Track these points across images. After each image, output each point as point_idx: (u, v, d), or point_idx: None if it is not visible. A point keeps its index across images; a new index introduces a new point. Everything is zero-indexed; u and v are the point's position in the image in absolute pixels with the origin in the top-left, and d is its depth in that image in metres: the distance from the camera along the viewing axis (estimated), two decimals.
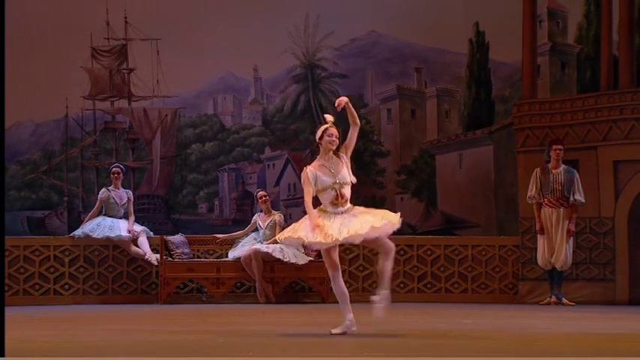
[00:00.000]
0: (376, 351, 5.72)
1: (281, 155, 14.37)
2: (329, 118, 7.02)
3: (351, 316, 6.85)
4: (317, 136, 6.97)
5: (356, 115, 6.96)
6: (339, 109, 6.92)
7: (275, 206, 12.59)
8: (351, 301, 6.88)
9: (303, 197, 6.89)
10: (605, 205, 11.33)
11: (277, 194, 13.97)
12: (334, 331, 6.76)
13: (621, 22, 11.77)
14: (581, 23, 13.43)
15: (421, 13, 13.77)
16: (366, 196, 14.19)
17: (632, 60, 11.65)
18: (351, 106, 6.93)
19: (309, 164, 6.98)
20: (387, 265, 6.93)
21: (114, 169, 11.76)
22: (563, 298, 10.98)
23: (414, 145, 14.16)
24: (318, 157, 6.98)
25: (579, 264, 11.33)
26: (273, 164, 14.42)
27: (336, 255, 6.88)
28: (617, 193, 11.31)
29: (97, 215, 11.59)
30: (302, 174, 6.91)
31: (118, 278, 11.45)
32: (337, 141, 6.94)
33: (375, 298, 6.91)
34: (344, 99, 6.90)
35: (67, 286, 11.38)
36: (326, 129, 6.95)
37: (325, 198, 6.87)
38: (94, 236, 11.37)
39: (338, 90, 14.39)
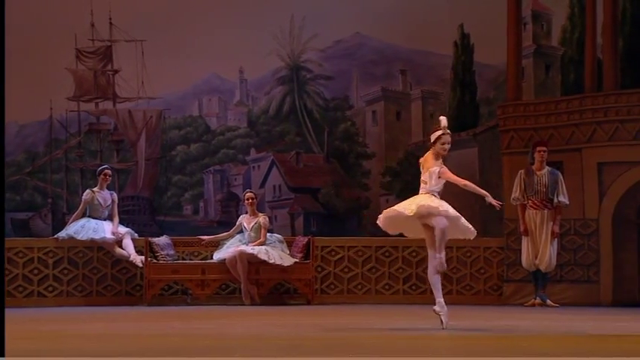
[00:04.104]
0: (363, 352, 5.72)
1: (266, 157, 14.37)
2: (444, 122, 7.21)
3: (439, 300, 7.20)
4: (431, 140, 7.21)
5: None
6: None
7: (260, 208, 12.58)
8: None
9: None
10: (590, 207, 11.38)
11: (262, 196, 13.96)
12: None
13: (605, 25, 11.83)
14: (565, 26, 13.50)
15: (406, 16, 13.80)
16: (350, 197, 14.22)
17: (615, 62, 11.71)
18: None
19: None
20: (430, 276, 7.30)
21: (105, 170, 11.68)
22: (548, 300, 11.02)
23: (398, 147, 14.19)
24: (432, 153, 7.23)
25: (563, 265, 11.37)
26: (259, 166, 14.41)
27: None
28: (602, 194, 11.36)
29: (81, 217, 11.55)
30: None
31: (102, 280, 11.42)
32: (448, 149, 7.20)
33: (435, 308, 7.24)
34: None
35: (50, 288, 11.33)
36: (441, 135, 7.17)
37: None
38: (78, 238, 11.32)
39: (323, 92, 14.41)
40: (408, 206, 7.27)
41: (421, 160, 7.47)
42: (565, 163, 11.45)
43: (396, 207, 7.42)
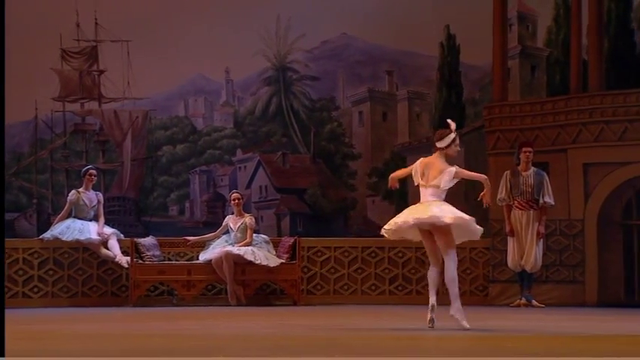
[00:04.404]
0: (349, 352, 5.72)
1: (252, 157, 14.35)
2: (453, 125, 7.50)
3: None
4: (445, 143, 7.43)
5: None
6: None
7: (246, 208, 12.57)
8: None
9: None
10: (575, 208, 11.42)
11: (249, 196, 13.95)
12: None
13: (590, 26, 11.87)
14: (551, 27, 13.53)
15: (392, 16, 13.81)
16: (337, 198, 14.21)
17: (601, 63, 11.75)
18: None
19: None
20: (446, 281, 7.45)
21: (90, 170, 11.65)
22: (533, 300, 11.05)
23: (385, 148, 14.19)
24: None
25: (549, 266, 11.40)
26: (245, 166, 14.40)
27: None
28: (587, 195, 11.40)
29: (67, 217, 11.51)
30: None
31: (87, 281, 11.38)
32: None
33: (451, 313, 7.37)
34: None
35: (36, 289, 11.28)
36: (455, 138, 7.47)
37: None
38: (63, 239, 11.28)
39: (309, 92, 14.41)
40: (441, 214, 7.26)
41: (419, 165, 7.46)
42: (551, 164, 11.48)
43: (413, 216, 7.35)
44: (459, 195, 13.25)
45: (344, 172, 14.23)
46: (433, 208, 7.32)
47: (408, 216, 7.40)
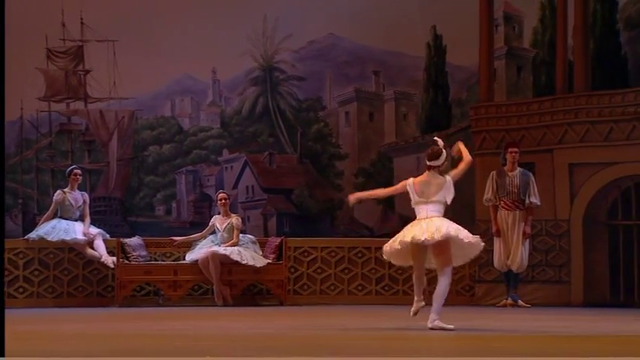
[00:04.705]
0: (335, 352, 5.72)
1: (239, 157, 14.34)
2: (441, 142, 7.56)
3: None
4: (440, 162, 7.48)
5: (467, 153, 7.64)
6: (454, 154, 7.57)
7: (233, 209, 12.55)
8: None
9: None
10: (561, 208, 11.45)
11: (235, 197, 13.93)
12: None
13: (576, 27, 11.91)
14: (537, 28, 13.57)
15: (379, 17, 13.82)
16: (323, 198, 14.21)
17: (586, 64, 11.79)
18: (463, 147, 7.65)
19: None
20: (435, 295, 7.47)
21: (74, 170, 11.62)
22: (519, 300, 11.07)
23: (372, 148, 14.20)
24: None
25: (535, 266, 11.43)
26: (231, 166, 14.38)
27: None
28: (573, 195, 11.43)
29: (52, 217, 11.47)
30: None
31: (73, 281, 11.34)
32: None
33: (430, 326, 7.32)
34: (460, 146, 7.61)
35: (21, 290, 11.23)
36: (447, 155, 7.55)
37: None
38: (49, 239, 11.24)
39: (296, 92, 14.40)
40: (456, 231, 7.33)
41: (414, 185, 7.47)
42: (536, 164, 11.52)
43: (422, 235, 7.32)
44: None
45: (331, 173, 14.23)
46: (445, 224, 7.35)
47: (419, 233, 7.31)
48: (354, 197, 7.76)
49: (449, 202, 7.49)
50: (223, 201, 11.46)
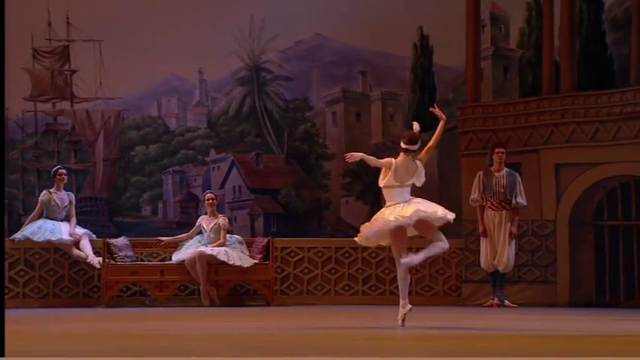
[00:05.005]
0: (322, 352, 5.72)
1: (226, 158, 14.31)
2: (417, 125, 7.81)
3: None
4: (417, 146, 7.72)
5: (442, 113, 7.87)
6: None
7: (220, 209, 12.54)
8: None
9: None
10: (547, 208, 11.48)
11: (222, 197, 13.91)
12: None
13: (562, 28, 11.95)
14: (523, 28, 13.60)
15: (366, 17, 13.83)
16: (310, 198, 14.20)
17: (572, 65, 11.83)
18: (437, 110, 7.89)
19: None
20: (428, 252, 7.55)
21: (60, 170, 11.61)
22: (506, 300, 11.10)
23: (358, 148, 14.14)
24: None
25: (521, 266, 11.46)
26: (218, 167, 14.35)
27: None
28: (559, 196, 11.47)
29: (38, 218, 11.43)
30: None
31: (59, 282, 11.30)
32: None
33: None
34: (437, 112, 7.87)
35: (6, 290, 11.19)
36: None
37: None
38: (34, 239, 11.20)
39: (283, 93, 14.39)
40: (433, 209, 7.41)
41: (395, 167, 7.55)
42: (523, 165, 11.55)
43: (404, 215, 7.46)
44: (433, 195, 13.33)
45: (318, 173, 14.22)
46: (428, 204, 7.51)
47: (407, 213, 7.41)
48: (354, 156, 7.75)
49: (421, 184, 7.61)
50: (211, 201, 11.45)
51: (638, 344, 6.44)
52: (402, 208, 7.46)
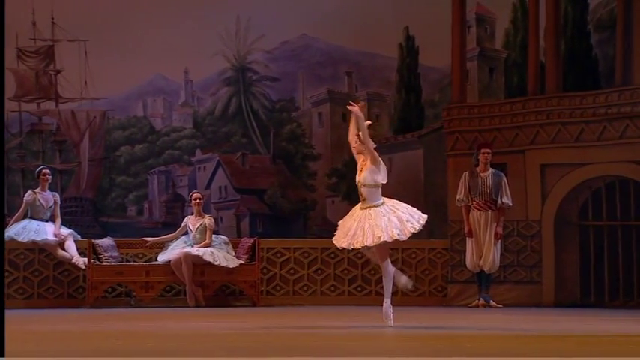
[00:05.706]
0: (308, 352, 5.72)
1: (212, 158, 14.29)
2: (368, 123, 7.78)
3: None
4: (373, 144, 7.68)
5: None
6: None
7: (206, 209, 12.52)
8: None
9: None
10: (532, 209, 11.52)
11: (208, 197, 13.89)
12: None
13: (547, 29, 11.99)
14: (509, 29, 13.64)
15: (352, 17, 13.84)
16: (296, 198, 14.20)
17: (558, 65, 11.87)
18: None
19: None
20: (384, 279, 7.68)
21: (44, 170, 11.57)
22: (491, 301, 11.12)
23: (345, 149, 14.15)
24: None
25: (507, 266, 11.49)
26: (204, 167, 14.33)
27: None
28: (544, 196, 11.50)
29: (23, 218, 11.38)
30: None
31: (44, 282, 11.26)
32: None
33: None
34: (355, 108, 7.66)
35: None
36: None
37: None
38: (19, 239, 11.16)
39: (269, 93, 14.38)
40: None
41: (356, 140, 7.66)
42: (509, 165, 11.58)
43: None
44: (419, 195, 13.36)
45: (304, 173, 14.22)
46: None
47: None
48: (355, 110, 7.74)
49: (380, 182, 7.67)
50: (198, 201, 11.44)
51: (623, 344, 6.47)
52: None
